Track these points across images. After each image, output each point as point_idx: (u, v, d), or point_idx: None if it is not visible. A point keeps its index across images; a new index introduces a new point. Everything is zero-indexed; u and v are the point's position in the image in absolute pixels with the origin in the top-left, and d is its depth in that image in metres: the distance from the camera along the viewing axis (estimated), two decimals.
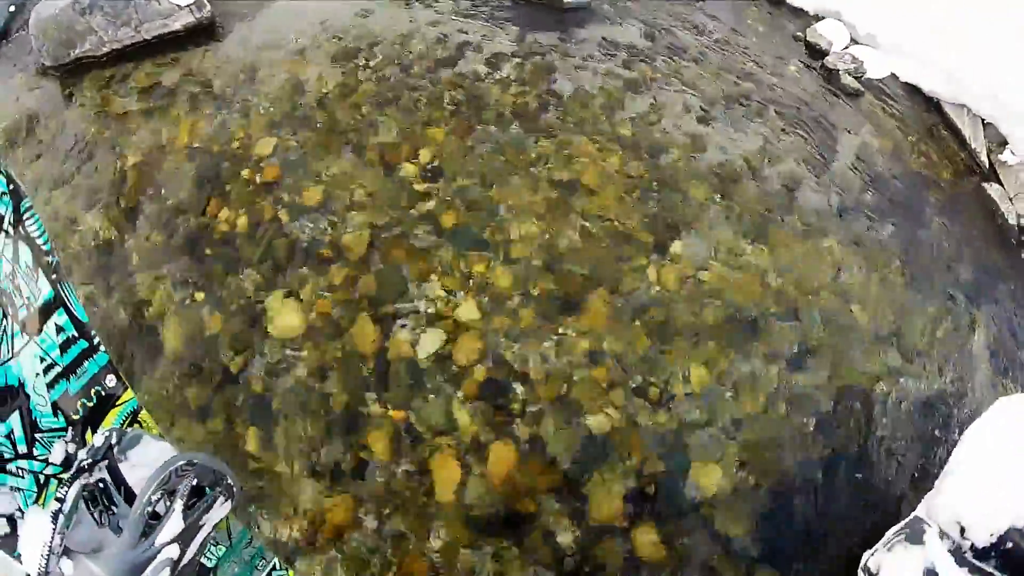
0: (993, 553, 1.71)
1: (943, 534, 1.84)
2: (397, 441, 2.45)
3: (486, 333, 2.58)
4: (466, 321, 2.59)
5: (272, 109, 3.07)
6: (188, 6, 3.36)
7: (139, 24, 3.36)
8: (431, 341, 2.56)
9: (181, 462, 1.20)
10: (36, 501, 1.49)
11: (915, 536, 1.84)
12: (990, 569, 1.77)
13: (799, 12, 4.15)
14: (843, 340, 2.90)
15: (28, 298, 1.68)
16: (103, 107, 3.24)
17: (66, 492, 1.21)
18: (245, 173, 2.90)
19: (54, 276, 1.74)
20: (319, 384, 2.54)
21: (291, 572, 1.75)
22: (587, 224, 2.82)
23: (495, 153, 2.93)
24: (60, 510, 1.17)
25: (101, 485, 1.32)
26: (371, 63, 3.18)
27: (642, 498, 2.45)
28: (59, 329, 1.68)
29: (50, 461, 1.54)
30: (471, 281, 2.67)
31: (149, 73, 3.32)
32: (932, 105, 3.90)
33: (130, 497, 1.32)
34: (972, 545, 1.83)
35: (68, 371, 1.62)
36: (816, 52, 3.93)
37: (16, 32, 3.78)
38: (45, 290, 1.71)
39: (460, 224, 2.76)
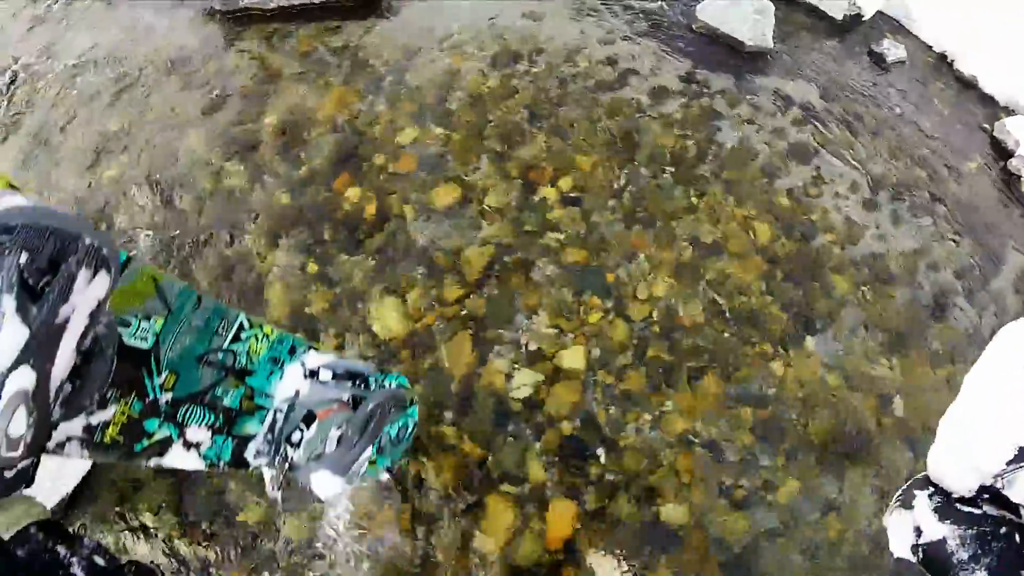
0: (980, 499, 1.66)
1: (932, 494, 1.77)
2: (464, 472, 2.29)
3: (586, 386, 2.35)
4: (568, 368, 2.36)
5: (422, 98, 2.89)
6: None
7: None
8: (527, 379, 2.36)
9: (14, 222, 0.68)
10: None
11: (907, 502, 1.80)
12: (969, 509, 1.70)
13: (988, 100, 3.63)
14: None
15: None
16: (261, 60, 3.13)
17: None
18: (380, 159, 2.73)
19: None
20: None
21: (267, 327, 1.38)
22: (719, 297, 2.52)
23: (640, 196, 2.65)
24: None
25: None
26: (532, 71, 2.94)
27: None
28: None
29: None
30: (584, 327, 2.44)
31: (311, 36, 3.19)
32: None
33: None
34: (956, 497, 1.74)
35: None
36: (1001, 150, 3.42)
37: None
38: None
39: (586, 264, 2.51)
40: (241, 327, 1.32)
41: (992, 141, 3.46)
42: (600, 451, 2.33)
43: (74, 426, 1.06)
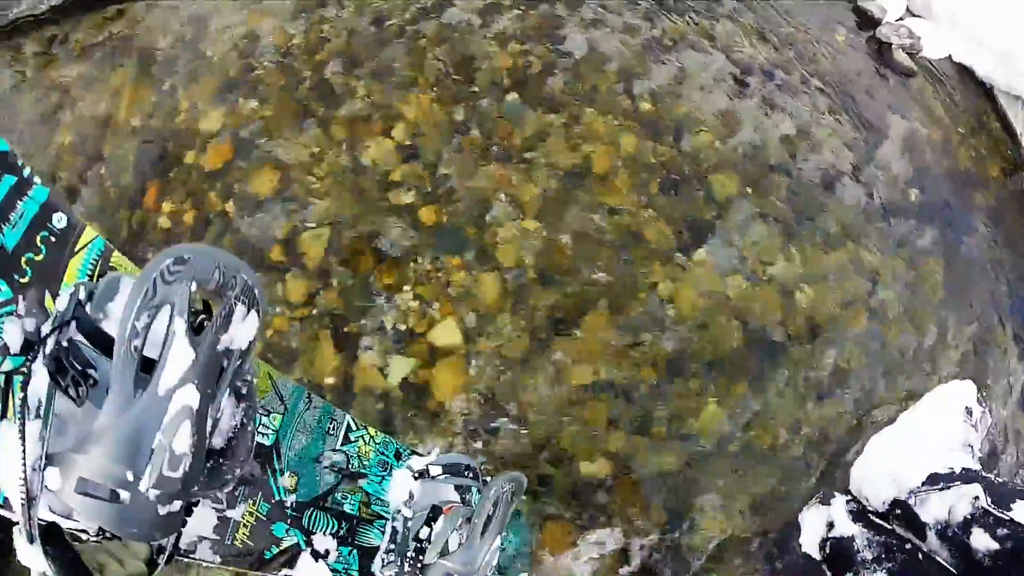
0: (891, 516, 1.88)
1: (849, 500, 2.00)
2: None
3: (468, 359, 1.96)
4: (444, 346, 1.97)
5: (224, 72, 2.37)
6: None
7: None
8: (403, 367, 1.96)
9: (167, 261, 0.75)
10: (2, 415, 0.93)
11: (826, 499, 2.04)
12: (880, 521, 1.91)
13: None
14: (873, 364, 2.32)
15: None
16: (44, 77, 2.56)
17: (28, 385, 0.81)
18: (190, 157, 2.22)
19: None
20: None
21: (371, 430, 1.42)
22: (593, 223, 2.14)
23: (486, 130, 2.23)
24: (24, 412, 0.77)
25: (65, 344, 0.85)
26: (341, 14, 2.43)
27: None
28: None
29: (6, 350, 0.95)
30: (450, 294, 2.03)
31: (92, 30, 2.61)
32: (985, 91, 3.16)
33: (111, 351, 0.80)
34: (872, 510, 1.98)
35: None
36: (867, 20, 3.12)
37: None
38: None
39: (439, 221, 2.09)
40: (349, 428, 1.35)
41: (856, 11, 3.15)
42: (502, 424, 1.96)
43: (205, 523, 1.06)
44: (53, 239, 1.06)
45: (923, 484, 1.81)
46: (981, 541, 1.58)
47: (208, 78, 2.36)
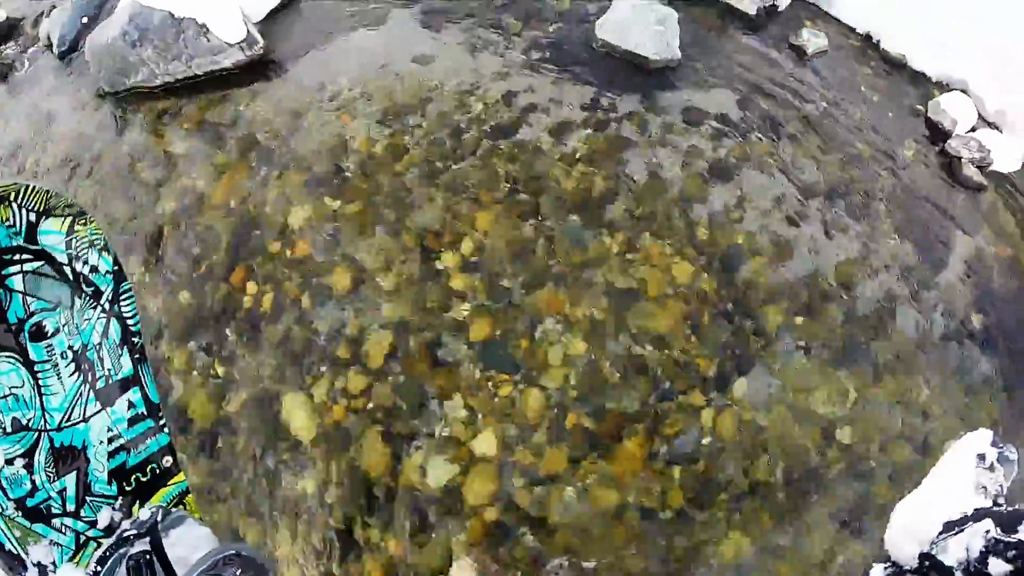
0: (923, 569, 1.89)
1: (886, 566, 2.01)
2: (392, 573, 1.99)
3: (503, 470, 2.00)
4: (481, 455, 2.00)
5: (313, 168, 2.48)
6: (239, 43, 2.76)
7: (190, 59, 2.85)
8: (443, 472, 2.01)
9: (229, 552, 1.10)
10: (71, 559, 1.40)
11: (865, 572, 2.03)
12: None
13: (920, 78, 3.16)
14: None
15: (109, 370, 1.63)
16: (153, 145, 2.80)
17: (108, 558, 1.12)
18: (275, 246, 2.35)
19: (137, 356, 1.69)
20: (323, 495, 2.05)
21: None
22: (639, 350, 2.13)
23: (547, 249, 2.25)
24: (98, 572, 1.10)
25: (146, 557, 1.20)
26: (423, 123, 2.53)
27: None
28: (130, 405, 1.61)
29: (95, 524, 1.46)
30: (496, 404, 2.07)
31: (200, 109, 2.82)
32: None
33: (169, 573, 1.21)
34: (907, 569, 1.97)
35: (130, 445, 1.57)
36: (937, 132, 2.96)
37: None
38: (126, 366, 1.65)
39: (494, 336, 2.13)
40: None
41: (927, 123, 3.00)
42: (527, 534, 1.99)
43: None
44: (158, 471, 1.52)
45: (940, 533, 1.87)
46: (996, 568, 1.64)
47: (297, 173, 2.49)
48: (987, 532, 1.75)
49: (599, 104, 2.59)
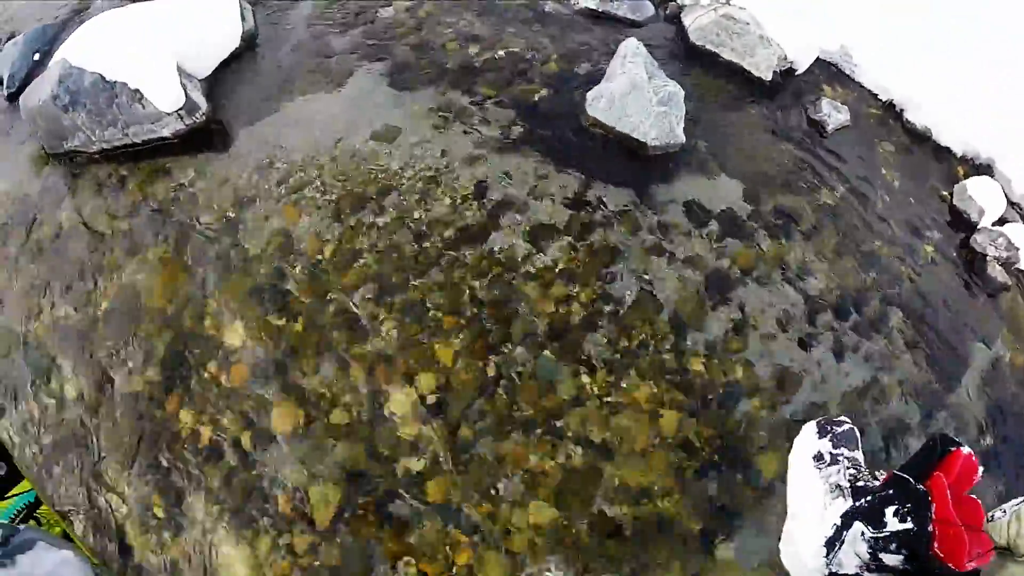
0: None
1: None
2: None
3: None
4: None
5: (255, 275, 2.07)
6: (177, 111, 2.27)
7: (126, 127, 2.43)
8: None
9: None
10: None
11: None
12: None
13: (945, 154, 2.70)
14: None
15: None
16: (92, 221, 2.37)
17: None
18: (211, 368, 1.97)
19: None
20: None
21: None
22: (616, 510, 1.77)
23: (515, 389, 1.86)
24: None
25: None
26: (380, 222, 2.09)
27: None
28: None
29: None
30: (453, 572, 1.73)
31: (140, 182, 2.40)
32: None
33: None
34: None
35: None
36: (962, 221, 2.53)
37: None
38: None
39: (452, 494, 1.76)
40: None
41: (952, 210, 2.55)
42: None
43: None
44: None
45: (828, 554, 1.75)
46: (891, 560, 1.59)
47: (238, 278, 2.08)
48: (863, 534, 1.65)
49: (586, 200, 2.14)
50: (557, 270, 2.01)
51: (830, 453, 1.88)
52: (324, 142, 2.31)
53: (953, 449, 1.61)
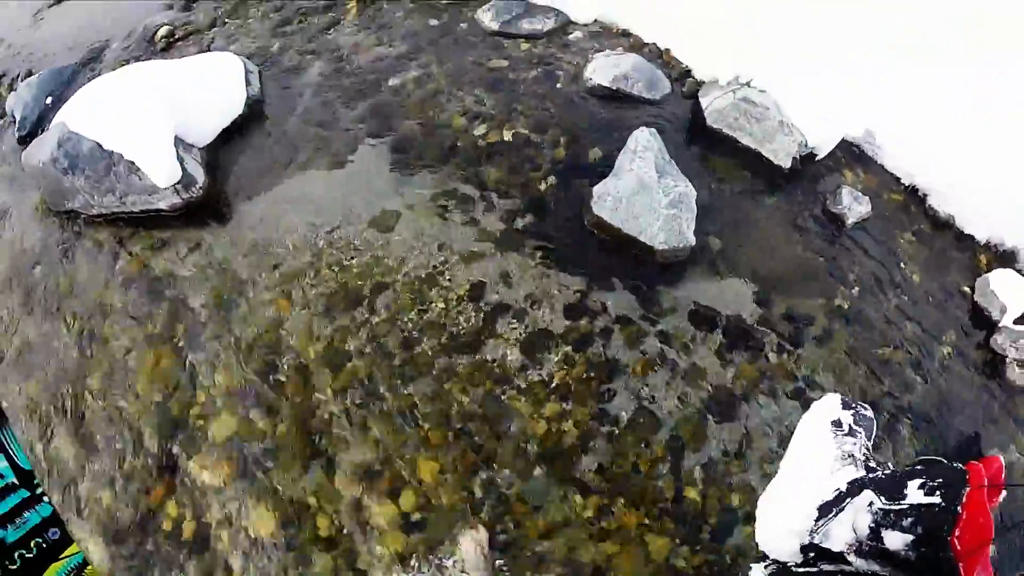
0: (809, 561, 1.55)
1: (767, 564, 1.66)
2: None
3: None
4: None
5: (245, 367, 1.98)
6: (174, 186, 2.16)
7: (123, 195, 2.35)
8: None
9: None
10: None
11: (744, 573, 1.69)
12: (805, 570, 1.60)
13: (967, 241, 2.48)
14: None
15: None
16: (88, 286, 2.29)
17: None
18: (196, 462, 1.88)
19: None
20: None
21: None
22: None
23: (501, 511, 1.74)
24: None
25: None
26: (372, 321, 1.97)
27: None
28: None
29: None
30: None
31: (138, 253, 2.31)
32: None
33: None
34: (791, 566, 1.65)
35: (6, 520, 1.31)
36: (982, 319, 2.33)
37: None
38: None
39: None
40: None
41: (973, 307, 2.34)
42: None
43: None
44: (44, 545, 1.27)
45: (818, 519, 1.57)
46: (895, 540, 1.38)
47: (228, 369, 1.98)
48: (871, 505, 1.46)
49: (586, 306, 2.00)
50: (552, 386, 1.88)
51: (850, 425, 1.75)
52: (321, 227, 2.19)
53: (991, 454, 1.44)
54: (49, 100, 2.97)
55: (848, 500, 1.51)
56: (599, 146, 2.31)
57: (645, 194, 2.01)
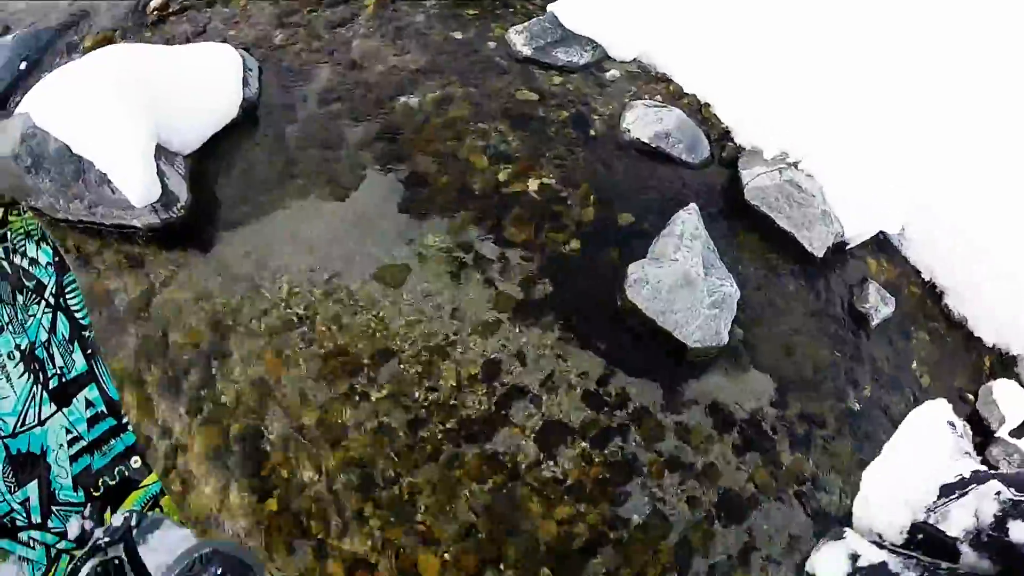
0: (912, 545, 1.50)
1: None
2: None
3: None
4: None
5: (229, 429, 1.76)
6: (153, 204, 1.84)
7: (93, 205, 1.99)
8: None
9: (206, 549, 0.94)
10: (46, 575, 1.20)
11: (837, 535, 1.62)
12: (910, 553, 1.53)
13: (975, 343, 2.47)
14: None
15: (61, 368, 1.43)
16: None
17: (79, 569, 0.96)
18: None
19: (89, 351, 1.50)
20: None
21: None
22: None
23: None
24: None
25: (116, 562, 1.02)
26: (373, 396, 1.76)
27: None
28: (88, 403, 1.41)
29: (65, 535, 1.26)
30: None
31: (109, 268, 1.96)
32: None
33: None
34: (892, 543, 1.58)
35: (93, 446, 1.36)
36: (982, 429, 2.31)
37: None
38: (79, 363, 1.44)
39: None
40: None
41: (973, 415, 2.33)
42: None
43: None
44: (127, 472, 1.27)
45: (938, 498, 1.50)
46: (1022, 533, 1.33)
47: (206, 430, 1.73)
48: (998, 494, 1.40)
49: (607, 397, 1.84)
50: (567, 484, 1.73)
51: (962, 430, 1.74)
52: (319, 271, 1.93)
53: None
54: (24, 65, 2.52)
55: (973, 486, 1.45)
56: (631, 210, 2.11)
57: (688, 290, 1.83)
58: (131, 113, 1.95)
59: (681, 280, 1.83)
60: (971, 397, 2.39)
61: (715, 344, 1.88)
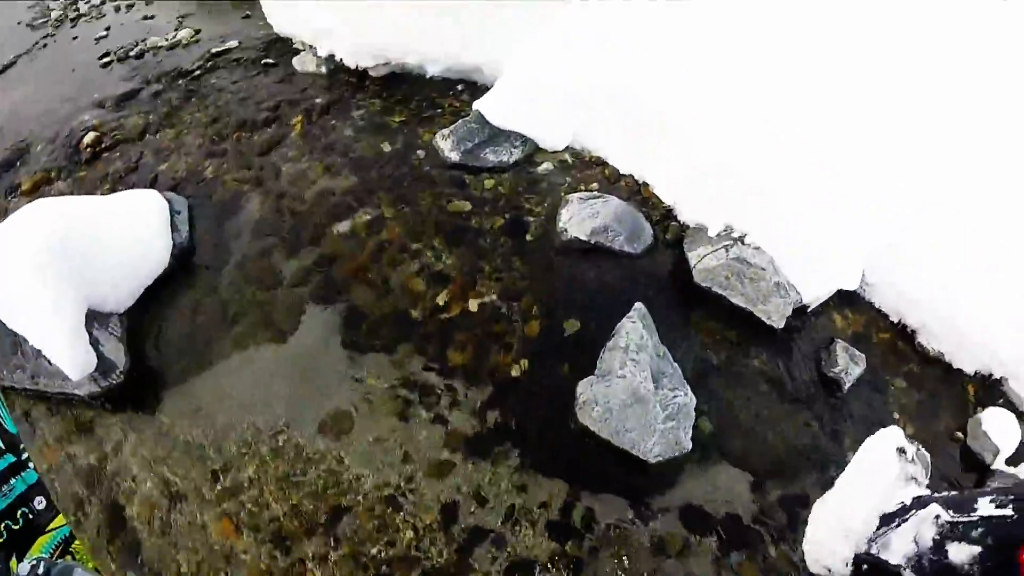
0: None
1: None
2: None
3: None
4: None
5: None
6: (91, 373, 1.81)
7: (35, 375, 1.98)
8: None
9: None
10: None
11: None
12: None
13: (956, 375, 2.36)
14: None
15: None
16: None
17: None
18: None
19: None
20: None
21: None
22: None
23: None
24: None
25: None
26: (331, 556, 1.69)
27: None
28: None
29: None
30: None
31: (60, 437, 1.91)
32: None
33: None
34: None
35: None
36: (976, 465, 2.19)
37: None
38: None
39: None
40: None
41: (964, 452, 2.20)
42: None
43: None
44: (31, 516, 1.17)
45: (878, 528, 1.53)
46: (960, 553, 1.32)
47: None
48: (937, 518, 1.41)
49: (572, 523, 1.73)
50: None
51: (913, 455, 1.72)
52: (265, 430, 1.85)
53: None
54: None
55: (912, 512, 1.45)
56: (576, 316, 2.02)
57: (640, 407, 1.73)
58: (58, 285, 1.89)
59: (630, 398, 1.73)
60: (960, 435, 2.27)
61: (678, 454, 1.78)
